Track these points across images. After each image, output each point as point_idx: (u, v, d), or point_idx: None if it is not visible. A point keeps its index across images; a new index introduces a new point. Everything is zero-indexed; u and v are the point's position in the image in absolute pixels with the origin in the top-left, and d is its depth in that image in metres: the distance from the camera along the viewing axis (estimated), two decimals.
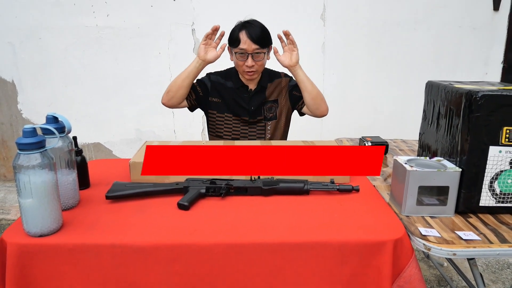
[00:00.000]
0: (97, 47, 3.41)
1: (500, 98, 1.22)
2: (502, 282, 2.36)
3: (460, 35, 3.48)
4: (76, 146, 1.46)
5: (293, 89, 2.10)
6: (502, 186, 1.29)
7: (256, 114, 2.08)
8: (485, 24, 3.47)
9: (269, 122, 2.10)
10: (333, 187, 1.42)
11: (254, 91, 2.08)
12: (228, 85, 2.08)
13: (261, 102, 2.08)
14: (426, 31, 3.47)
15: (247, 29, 1.92)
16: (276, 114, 2.11)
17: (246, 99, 2.07)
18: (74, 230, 1.18)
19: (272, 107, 2.05)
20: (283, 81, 2.13)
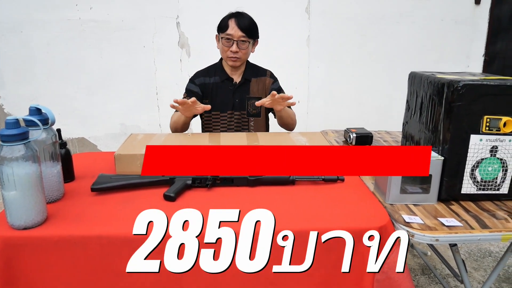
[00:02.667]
0: (81, 41, 3.37)
1: (480, 87, 1.25)
2: (484, 270, 2.41)
3: (442, 28, 3.53)
4: (60, 139, 1.45)
5: None
6: (483, 174, 1.32)
7: (240, 107, 2.14)
8: (466, 17, 3.53)
9: (252, 119, 2.17)
10: (318, 177, 1.44)
11: (238, 84, 2.13)
12: (212, 81, 2.14)
13: (244, 97, 2.14)
14: (410, 25, 3.51)
15: (237, 18, 2.00)
16: (259, 112, 2.17)
17: (230, 92, 2.13)
18: (59, 222, 1.17)
19: (255, 104, 2.04)
20: (267, 81, 2.18)
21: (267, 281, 1.16)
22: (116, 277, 1.13)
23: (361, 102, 3.68)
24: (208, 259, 1.13)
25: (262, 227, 1.13)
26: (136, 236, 1.11)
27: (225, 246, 1.13)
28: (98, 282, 1.13)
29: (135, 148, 1.53)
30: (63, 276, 1.12)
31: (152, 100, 3.41)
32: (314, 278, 1.17)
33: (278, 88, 2.17)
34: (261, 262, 1.14)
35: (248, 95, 2.14)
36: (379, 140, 2.07)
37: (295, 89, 3.45)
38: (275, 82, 2.21)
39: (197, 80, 2.14)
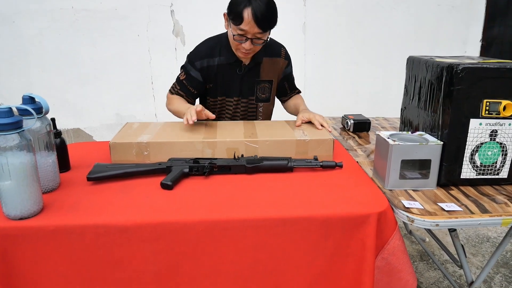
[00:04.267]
0: (74, 31, 3.33)
1: (480, 70, 1.23)
2: (482, 255, 2.42)
3: (439, 14, 3.51)
4: (55, 128, 1.43)
5: (285, 79, 1.98)
6: (483, 158, 1.31)
7: (248, 94, 1.90)
8: (463, 2, 3.51)
9: (261, 104, 1.95)
10: (316, 164, 1.43)
11: (247, 68, 1.84)
12: (216, 62, 1.81)
13: (254, 81, 1.88)
14: (406, 10, 3.48)
15: (253, 6, 1.57)
16: (269, 97, 1.96)
17: (238, 77, 1.85)
18: (56, 212, 1.15)
19: (265, 88, 1.91)
20: (281, 62, 1.91)
21: (266, 270, 1.15)
22: (113, 266, 1.12)
23: (358, 89, 3.66)
24: (205, 248, 1.12)
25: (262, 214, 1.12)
26: (133, 225, 1.10)
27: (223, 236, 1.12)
28: (95, 272, 1.12)
29: (131, 136, 1.51)
30: (60, 266, 1.11)
31: (147, 89, 3.37)
32: (314, 265, 1.16)
33: (290, 72, 1.96)
34: (259, 249, 1.14)
35: (259, 78, 1.88)
36: (376, 127, 2.06)
37: None
38: (289, 64, 1.95)
39: (198, 63, 1.81)
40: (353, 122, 1.97)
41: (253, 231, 1.13)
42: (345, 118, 2.03)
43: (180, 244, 1.12)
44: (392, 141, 1.28)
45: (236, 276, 1.15)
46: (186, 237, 1.12)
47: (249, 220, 1.13)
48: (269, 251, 1.14)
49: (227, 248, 1.13)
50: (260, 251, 1.14)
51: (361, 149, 1.72)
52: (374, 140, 1.78)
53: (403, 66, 1.64)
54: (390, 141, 1.27)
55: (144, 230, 1.11)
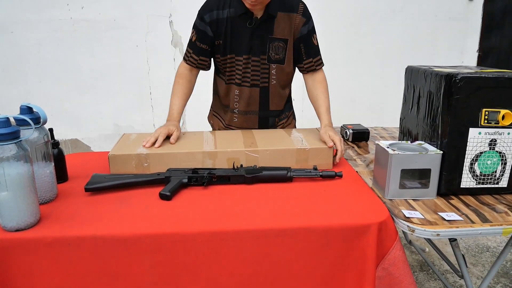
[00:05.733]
0: (72, 41, 3.34)
1: (479, 80, 1.23)
2: (482, 265, 2.41)
3: (436, 24, 3.54)
4: (53, 138, 1.42)
5: (302, 40, 1.74)
6: (482, 167, 1.30)
7: (258, 52, 1.72)
8: (460, 13, 3.53)
9: (274, 65, 1.75)
10: (316, 174, 1.42)
11: (259, 21, 1.66)
12: (225, 15, 1.66)
13: (266, 38, 1.70)
14: (404, 20, 3.51)
15: None
16: (283, 58, 1.74)
17: (248, 31, 1.67)
18: (53, 224, 1.14)
19: (279, 48, 1.72)
20: (297, 20, 1.70)
21: (266, 281, 1.14)
22: (111, 278, 1.10)
23: (356, 99, 3.67)
24: (205, 259, 1.11)
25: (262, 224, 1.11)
26: (131, 236, 1.09)
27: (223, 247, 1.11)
28: (93, 284, 1.10)
29: (129, 148, 1.50)
30: (57, 278, 1.09)
31: (146, 100, 3.37)
32: (314, 276, 1.15)
33: (308, 33, 1.73)
34: (260, 260, 1.12)
35: (272, 35, 1.69)
36: (375, 136, 2.06)
37: None
38: (308, 22, 1.72)
39: (207, 15, 1.67)
40: (352, 132, 1.96)
41: (253, 242, 1.12)
42: (344, 128, 2.03)
43: (179, 255, 1.10)
44: (392, 150, 1.28)
45: (234, 284, 1.13)
46: (185, 248, 1.10)
47: (248, 230, 1.12)
48: (269, 262, 1.13)
49: (226, 260, 1.12)
50: (260, 262, 1.13)
51: (361, 158, 1.72)
52: (373, 150, 1.78)
53: (401, 76, 1.64)
54: (390, 151, 1.27)
55: (143, 241, 1.09)
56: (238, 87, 1.79)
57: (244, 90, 1.79)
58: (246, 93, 1.79)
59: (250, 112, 1.85)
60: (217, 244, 1.11)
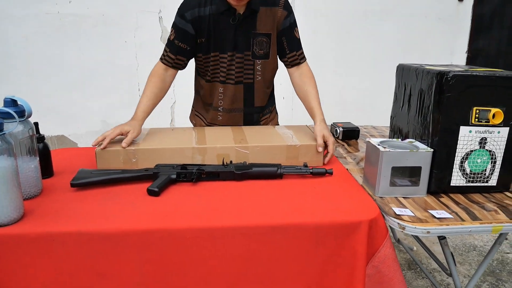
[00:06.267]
0: (60, 36, 3.29)
1: (470, 78, 1.23)
2: (469, 264, 2.43)
3: (426, 25, 3.56)
4: (38, 133, 1.39)
5: (284, 33, 1.73)
6: (472, 165, 1.30)
7: (243, 48, 1.70)
8: (450, 15, 3.56)
9: (259, 61, 1.75)
10: (306, 171, 1.41)
11: (242, 17, 1.64)
12: (207, 12, 1.63)
13: (250, 34, 1.69)
14: (394, 21, 3.53)
15: None
16: (268, 52, 1.74)
17: (231, 28, 1.66)
18: (37, 219, 1.11)
19: (263, 42, 1.71)
20: (279, 13, 1.69)
21: (256, 279, 1.12)
22: (97, 276, 1.08)
23: (346, 99, 3.68)
24: (193, 256, 1.09)
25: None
26: (118, 233, 1.06)
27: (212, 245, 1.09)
28: (78, 282, 1.08)
29: (117, 143, 1.48)
30: (41, 275, 1.07)
31: (134, 96, 3.33)
32: (305, 274, 1.14)
33: (290, 26, 1.72)
34: (249, 258, 1.11)
35: (255, 30, 1.68)
36: (365, 135, 2.06)
37: (280, 85, 3.41)
38: (289, 15, 1.71)
39: (188, 13, 1.63)
40: (342, 130, 1.96)
41: (243, 239, 1.10)
42: (334, 126, 2.03)
43: (167, 252, 1.08)
44: (383, 148, 1.27)
45: (225, 285, 1.12)
46: (173, 245, 1.08)
47: (238, 227, 1.10)
48: (259, 259, 1.11)
49: (215, 257, 1.10)
50: (249, 259, 1.11)
51: (351, 156, 1.71)
52: (363, 148, 1.78)
53: (391, 76, 1.64)
54: (381, 148, 1.26)
55: (130, 238, 1.07)
56: (222, 84, 1.76)
57: (229, 88, 1.76)
58: (231, 91, 1.77)
59: (235, 109, 1.82)
60: (206, 241, 1.09)
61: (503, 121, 1.26)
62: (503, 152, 1.30)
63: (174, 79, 1.76)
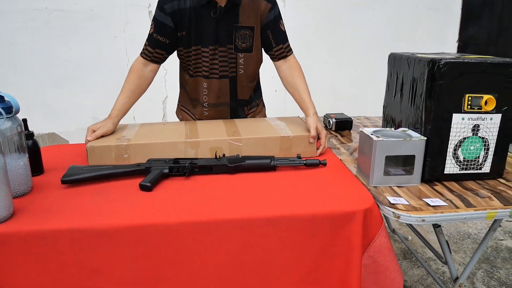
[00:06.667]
0: (48, 32, 3.24)
1: (462, 65, 1.23)
2: (463, 252, 2.44)
3: (417, 14, 3.55)
4: (27, 129, 1.36)
5: (269, 26, 1.69)
6: (465, 153, 1.30)
7: (225, 42, 1.67)
8: (440, 4, 3.56)
9: (241, 55, 1.71)
10: (300, 162, 1.40)
11: (224, 9, 1.60)
12: (188, 4, 1.59)
13: (232, 26, 1.65)
14: (384, 11, 3.52)
15: None
16: (251, 46, 1.70)
17: (213, 21, 1.62)
18: (27, 217, 1.09)
19: (246, 36, 1.68)
20: (262, 6, 1.65)
21: (252, 271, 1.11)
22: (90, 273, 1.06)
23: (338, 90, 3.67)
24: (188, 251, 1.08)
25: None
26: (110, 229, 1.05)
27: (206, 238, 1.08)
28: (71, 279, 1.06)
29: (108, 139, 1.46)
30: (32, 273, 1.05)
31: None
32: (300, 265, 1.13)
33: (275, 19, 1.68)
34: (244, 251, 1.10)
35: (237, 23, 1.64)
36: (358, 125, 2.05)
37: (272, 78, 3.39)
38: (273, 7, 1.67)
39: (167, 6, 1.58)
40: (335, 121, 1.95)
41: (237, 232, 1.09)
42: (327, 117, 2.02)
43: (160, 247, 1.07)
44: (376, 137, 1.26)
45: (220, 279, 1.11)
46: (167, 240, 1.07)
47: (232, 220, 1.09)
48: (254, 252, 1.11)
49: (210, 251, 1.09)
50: (245, 252, 1.10)
51: (344, 147, 1.70)
52: (357, 139, 1.77)
53: (382, 66, 1.63)
54: (374, 137, 1.26)
55: (122, 234, 1.06)
56: (206, 79, 1.73)
57: (213, 82, 1.73)
58: (216, 85, 1.74)
59: (221, 104, 1.79)
60: (200, 235, 1.08)
61: (495, 107, 1.26)
62: (496, 139, 1.30)
63: (166, 74, 1.74)
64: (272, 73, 3.56)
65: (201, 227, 1.08)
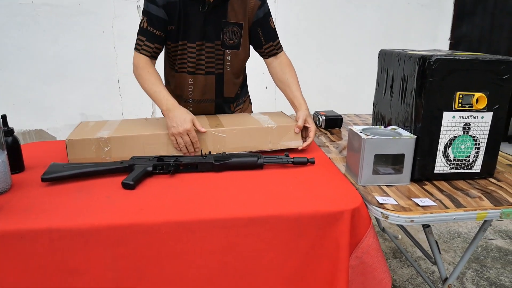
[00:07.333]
0: (34, 27, 3.17)
1: (453, 62, 1.20)
2: (453, 251, 2.43)
3: (409, 11, 3.54)
4: (6, 126, 1.32)
5: (258, 24, 1.68)
6: (456, 152, 1.28)
7: (213, 37, 1.63)
8: (432, 1, 3.54)
9: (229, 51, 1.68)
10: (287, 160, 1.37)
11: (212, 5, 1.57)
12: None
13: (220, 22, 1.62)
14: (376, 8, 3.50)
15: None
16: (238, 43, 1.68)
17: (200, 16, 1.58)
18: (5, 216, 1.05)
19: (233, 32, 1.65)
20: (252, 2, 1.63)
21: (236, 272, 1.08)
22: (69, 274, 1.03)
23: (329, 87, 3.65)
24: (170, 251, 1.05)
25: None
26: (90, 228, 1.01)
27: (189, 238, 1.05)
28: (49, 280, 1.02)
29: (88, 133, 1.41)
30: (10, 274, 1.01)
31: (114, 88, 3.24)
32: (286, 266, 1.10)
33: (265, 16, 1.66)
34: (228, 251, 1.07)
35: (225, 19, 1.61)
36: (348, 123, 2.03)
37: (263, 74, 3.36)
38: (263, 4, 1.66)
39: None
40: (325, 118, 1.93)
41: (221, 231, 1.06)
42: (317, 114, 1.99)
43: (142, 248, 1.03)
44: (365, 135, 1.24)
45: (204, 280, 1.07)
46: (149, 240, 1.04)
47: (216, 220, 1.06)
48: (239, 252, 1.07)
49: (193, 251, 1.06)
50: (229, 253, 1.07)
51: (333, 145, 1.68)
52: (346, 136, 1.74)
53: (374, 63, 1.61)
54: (363, 136, 1.23)
55: (103, 233, 1.02)
56: (191, 75, 1.68)
57: (199, 78, 1.69)
58: (201, 81, 1.70)
59: (205, 100, 1.75)
60: (182, 235, 1.05)
61: (486, 106, 1.24)
62: (487, 138, 1.28)
63: None
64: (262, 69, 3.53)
65: (184, 227, 1.05)
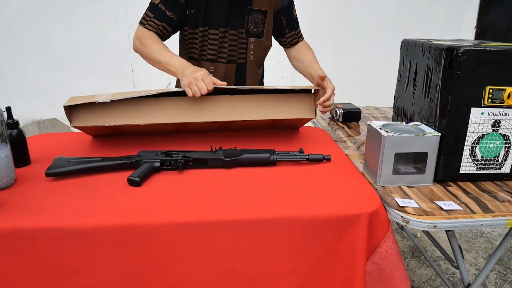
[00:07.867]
0: (47, 15, 3.15)
1: (483, 53, 1.11)
2: (475, 251, 2.33)
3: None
4: (11, 118, 1.28)
5: (283, 12, 1.65)
6: (484, 151, 1.19)
7: (237, 25, 1.58)
8: None
9: (252, 40, 1.63)
10: (302, 157, 1.30)
11: None
12: None
13: (245, 9, 1.56)
14: None
15: None
16: (262, 31, 1.63)
17: (225, 3, 1.53)
18: (6, 213, 1.01)
19: (258, 20, 1.60)
20: None
21: (245, 278, 1.02)
22: (69, 275, 0.99)
23: (346, 77, 3.53)
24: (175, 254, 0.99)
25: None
26: (92, 228, 0.96)
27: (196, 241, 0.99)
28: (49, 281, 0.99)
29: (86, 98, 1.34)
30: (9, 274, 0.97)
31: (127, 77, 3.20)
32: (298, 272, 1.04)
33: (289, 4, 1.64)
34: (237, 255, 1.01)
35: (251, 6, 1.56)
36: (367, 117, 1.94)
37: (279, 64, 3.28)
38: None
39: None
40: (343, 112, 1.84)
41: (230, 234, 1.00)
42: (334, 107, 1.91)
43: (145, 249, 0.98)
44: (385, 132, 1.15)
45: (209, 286, 1.02)
46: (153, 241, 0.98)
47: (225, 221, 1.00)
48: (248, 257, 1.01)
49: (199, 254, 1.00)
50: (238, 257, 1.01)
51: (351, 140, 1.60)
52: (365, 131, 1.66)
53: (394, 52, 1.52)
54: (383, 132, 1.15)
55: (105, 234, 0.97)
56: (212, 63, 1.62)
57: (220, 67, 1.63)
58: (222, 70, 1.64)
59: None
60: (188, 237, 0.99)
61: None
62: None
63: None
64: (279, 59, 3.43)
65: (190, 228, 0.99)
